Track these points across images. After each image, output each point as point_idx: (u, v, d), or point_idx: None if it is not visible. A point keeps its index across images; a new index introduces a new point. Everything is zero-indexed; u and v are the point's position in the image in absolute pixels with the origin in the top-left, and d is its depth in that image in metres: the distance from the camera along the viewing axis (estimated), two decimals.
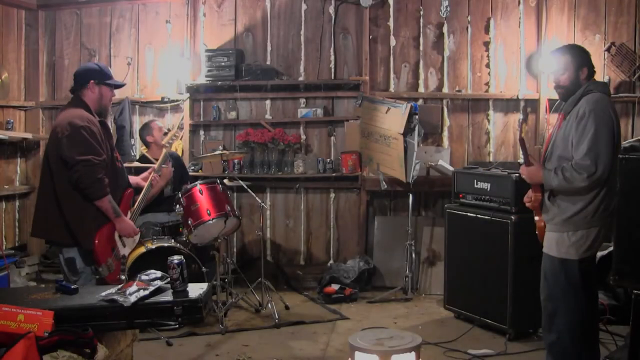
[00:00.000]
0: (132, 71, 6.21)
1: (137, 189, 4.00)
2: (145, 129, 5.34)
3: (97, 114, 3.58)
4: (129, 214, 3.70)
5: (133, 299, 2.63)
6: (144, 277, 2.84)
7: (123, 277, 3.61)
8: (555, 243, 3.23)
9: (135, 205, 3.80)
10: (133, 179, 4.04)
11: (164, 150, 4.53)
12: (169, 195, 5.16)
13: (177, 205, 4.77)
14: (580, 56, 3.26)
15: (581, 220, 3.15)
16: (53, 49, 6.29)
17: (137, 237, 3.79)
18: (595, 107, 3.10)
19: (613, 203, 3.08)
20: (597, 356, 3.30)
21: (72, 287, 2.85)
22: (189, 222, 4.63)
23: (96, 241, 3.41)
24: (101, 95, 3.58)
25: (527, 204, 3.42)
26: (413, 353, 3.01)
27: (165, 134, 5.13)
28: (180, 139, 6.06)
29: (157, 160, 5.18)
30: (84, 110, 3.49)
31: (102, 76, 3.59)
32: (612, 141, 3.07)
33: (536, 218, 3.38)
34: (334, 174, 5.91)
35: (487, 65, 5.83)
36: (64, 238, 3.46)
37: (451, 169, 5.41)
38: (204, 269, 4.67)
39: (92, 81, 3.54)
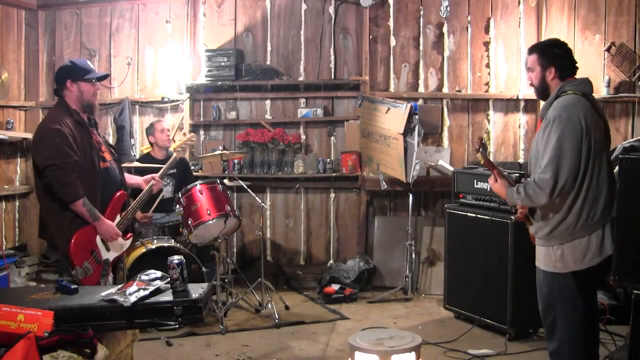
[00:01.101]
0: (132, 71, 6.21)
1: (139, 190, 3.94)
2: (150, 128, 5.36)
3: (83, 112, 3.50)
4: (118, 217, 3.58)
5: (133, 299, 2.63)
6: (144, 277, 2.84)
7: (102, 283, 3.48)
8: (543, 257, 3.14)
9: (128, 209, 3.68)
10: (134, 180, 3.98)
11: (174, 155, 4.50)
12: (169, 197, 5.15)
13: (177, 205, 4.77)
14: (547, 56, 3.10)
15: (563, 233, 3.02)
16: (53, 49, 6.29)
17: (127, 243, 3.67)
18: (561, 112, 2.94)
19: (600, 209, 2.97)
20: (597, 357, 3.29)
21: (72, 287, 2.84)
22: (189, 222, 4.62)
23: (72, 244, 3.31)
24: (81, 93, 3.48)
25: (518, 213, 3.36)
26: (413, 353, 3.01)
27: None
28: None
29: (160, 160, 5.22)
30: (61, 112, 3.43)
31: (76, 73, 3.49)
32: (577, 149, 2.89)
33: (528, 227, 3.35)
34: (334, 174, 5.91)
35: (487, 65, 5.83)
36: (48, 239, 3.52)
37: (451, 169, 5.41)
38: (204, 269, 4.67)
39: (68, 80, 3.46)
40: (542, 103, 5.73)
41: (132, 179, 3.96)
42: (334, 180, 6.01)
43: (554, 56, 3.11)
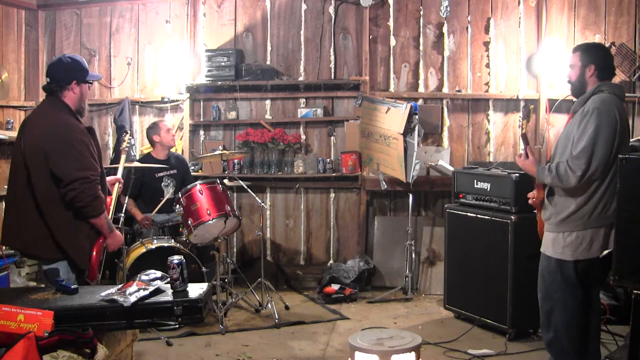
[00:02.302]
0: (132, 71, 6.21)
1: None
2: (153, 127, 5.34)
3: (76, 114, 3.33)
4: None
5: (133, 299, 2.63)
6: (144, 277, 2.84)
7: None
8: (551, 243, 3.24)
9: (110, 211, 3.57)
10: None
11: (123, 157, 4.31)
12: (170, 198, 5.14)
13: (177, 205, 4.77)
14: (589, 54, 3.27)
15: (577, 221, 3.14)
16: (53, 49, 6.29)
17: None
18: (599, 105, 3.10)
19: (614, 204, 3.06)
20: (598, 356, 3.29)
21: (72, 287, 2.84)
22: (189, 222, 4.62)
23: (94, 259, 3.20)
24: (82, 94, 3.32)
25: (530, 201, 3.44)
26: (413, 353, 3.02)
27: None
28: (181, 139, 6.07)
29: (160, 160, 5.21)
30: (70, 117, 3.24)
31: (84, 74, 3.32)
32: (611, 141, 3.06)
33: (538, 215, 3.41)
34: (334, 174, 5.91)
35: (487, 65, 5.83)
36: (50, 254, 3.19)
37: (451, 169, 5.41)
38: (204, 269, 4.67)
39: (74, 81, 3.27)
40: (542, 104, 5.78)
41: None
42: (334, 180, 6.01)
43: (595, 55, 3.28)
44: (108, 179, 3.69)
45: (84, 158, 3.15)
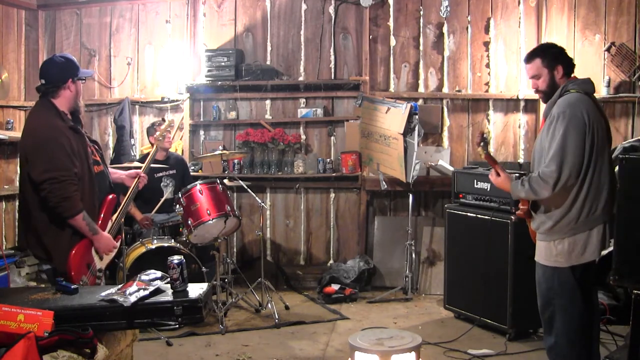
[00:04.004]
0: (132, 71, 6.21)
1: (118, 186, 3.67)
2: (150, 129, 5.34)
3: (72, 113, 3.29)
4: (109, 224, 3.40)
5: (133, 299, 2.63)
6: (144, 277, 2.84)
7: None
8: (544, 251, 3.18)
9: (119, 211, 3.49)
10: (117, 174, 3.70)
11: (154, 147, 4.25)
12: (170, 198, 5.15)
13: (177, 205, 4.77)
14: (550, 56, 3.15)
15: (564, 227, 3.07)
16: (53, 49, 6.28)
17: (117, 246, 3.45)
18: (565, 109, 3.00)
19: (601, 204, 3.03)
20: (597, 356, 3.29)
21: (72, 287, 2.84)
22: (189, 222, 4.63)
23: (70, 262, 3.12)
24: (77, 92, 3.28)
25: (517, 213, 3.39)
26: (413, 353, 3.02)
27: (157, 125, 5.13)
28: (181, 139, 6.08)
29: (159, 160, 5.21)
30: (53, 117, 3.18)
31: (76, 71, 3.27)
32: (580, 144, 2.95)
33: (528, 225, 3.37)
34: (334, 174, 5.91)
35: (487, 65, 5.83)
36: (40, 253, 3.22)
37: (451, 169, 5.41)
38: (204, 269, 4.67)
39: (70, 79, 3.22)
40: (541, 104, 5.75)
41: (114, 174, 3.68)
42: (334, 180, 6.01)
43: (557, 55, 3.17)
44: (127, 173, 3.71)
45: (56, 159, 3.09)
